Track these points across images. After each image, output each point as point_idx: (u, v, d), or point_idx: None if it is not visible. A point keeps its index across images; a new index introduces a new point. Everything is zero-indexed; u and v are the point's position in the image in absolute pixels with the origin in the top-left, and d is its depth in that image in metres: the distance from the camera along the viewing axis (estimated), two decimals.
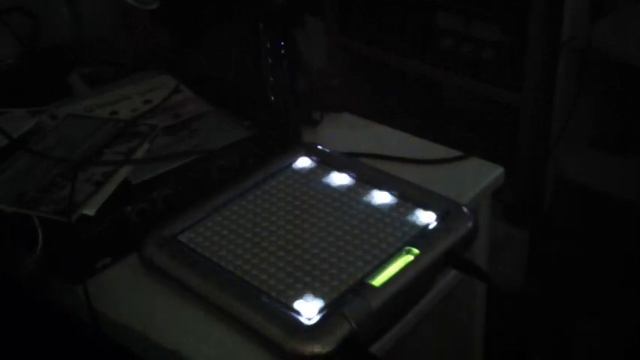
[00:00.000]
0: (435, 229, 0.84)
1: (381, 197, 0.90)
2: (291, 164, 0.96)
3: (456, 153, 1.02)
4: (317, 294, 0.76)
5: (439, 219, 0.85)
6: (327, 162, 0.96)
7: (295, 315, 0.74)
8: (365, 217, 0.87)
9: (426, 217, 0.86)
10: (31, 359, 0.94)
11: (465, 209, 0.87)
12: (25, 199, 0.86)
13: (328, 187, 0.92)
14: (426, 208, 0.87)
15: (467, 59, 1.77)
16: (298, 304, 0.75)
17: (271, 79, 0.99)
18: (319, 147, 0.99)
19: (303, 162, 0.97)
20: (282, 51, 0.98)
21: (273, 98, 1.01)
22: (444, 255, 0.82)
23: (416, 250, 0.81)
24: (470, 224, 0.85)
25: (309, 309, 0.75)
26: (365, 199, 0.90)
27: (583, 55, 1.59)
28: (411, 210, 0.87)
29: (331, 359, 0.71)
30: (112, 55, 1.23)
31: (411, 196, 0.89)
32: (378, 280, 0.77)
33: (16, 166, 0.93)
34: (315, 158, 0.97)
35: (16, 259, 0.85)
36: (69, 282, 0.84)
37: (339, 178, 0.93)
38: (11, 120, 1.01)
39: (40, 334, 0.93)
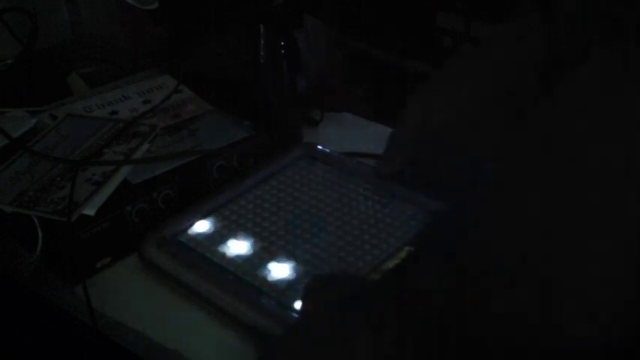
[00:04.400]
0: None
1: (380, 197, 0.90)
2: (291, 164, 0.96)
3: None
4: None
5: None
6: (327, 162, 0.96)
7: (295, 315, 0.74)
8: (365, 217, 0.87)
9: (426, 217, 0.86)
10: (30, 359, 0.94)
11: None
12: (24, 199, 0.86)
13: (328, 187, 0.92)
14: (425, 207, 0.87)
15: None
16: (298, 304, 0.75)
17: (271, 79, 0.99)
18: (319, 147, 0.99)
19: (303, 162, 0.97)
20: (282, 51, 0.98)
21: (272, 98, 1.01)
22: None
23: None
24: None
25: None
26: (365, 199, 0.89)
27: None
28: (411, 210, 0.87)
29: None
30: (112, 55, 1.22)
31: (411, 196, 0.89)
32: None
33: (16, 166, 0.93)
34: (315, 158, 0.97)
35: (16, 259, 0.85)
36: (69, 282, 0.84)
37: (339, 179, 0.93)
38: (11, 120, 1.00)
39: (39, 334, 0.93)
